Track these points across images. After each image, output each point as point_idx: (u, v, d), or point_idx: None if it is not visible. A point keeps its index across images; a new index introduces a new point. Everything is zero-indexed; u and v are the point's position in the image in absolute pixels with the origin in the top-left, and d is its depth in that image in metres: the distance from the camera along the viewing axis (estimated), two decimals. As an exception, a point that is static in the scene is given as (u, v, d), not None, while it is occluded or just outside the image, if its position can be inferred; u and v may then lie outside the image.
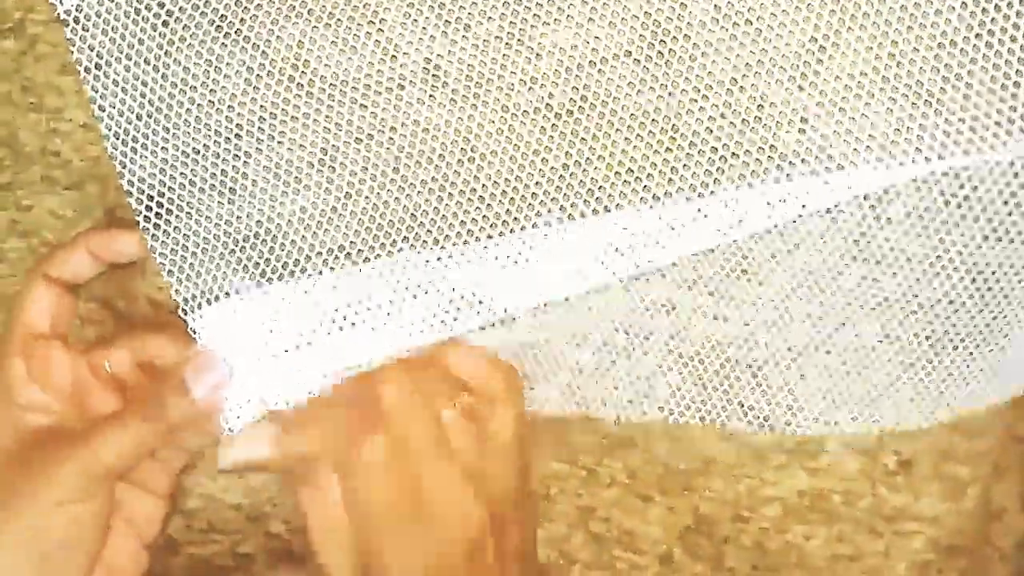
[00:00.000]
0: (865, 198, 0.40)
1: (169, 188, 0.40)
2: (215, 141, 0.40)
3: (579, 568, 0.45)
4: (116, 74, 0.39)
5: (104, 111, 0.39)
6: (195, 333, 0.38)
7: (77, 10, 0.39)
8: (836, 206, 0.40)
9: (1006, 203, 0.39)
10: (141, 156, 0.40)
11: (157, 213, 0.40)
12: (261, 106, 0.40)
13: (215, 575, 0.45)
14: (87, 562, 0.37)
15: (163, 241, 0.40)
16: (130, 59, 0.39)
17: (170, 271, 0.39)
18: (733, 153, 0.40)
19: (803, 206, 0.40)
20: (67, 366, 0.39)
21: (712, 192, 0.41)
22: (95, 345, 0.41)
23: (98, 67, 0.39)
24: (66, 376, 0.39)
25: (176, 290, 0.39)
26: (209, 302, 0.39)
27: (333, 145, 0.41)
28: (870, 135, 0.40)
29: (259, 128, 0.40)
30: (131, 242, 0.40)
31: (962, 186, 0.39)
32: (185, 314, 0.38)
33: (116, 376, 0.40)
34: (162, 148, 0.40)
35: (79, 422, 0.38)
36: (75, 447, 0.36)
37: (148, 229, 0.39)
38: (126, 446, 0.36)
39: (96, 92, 0.39)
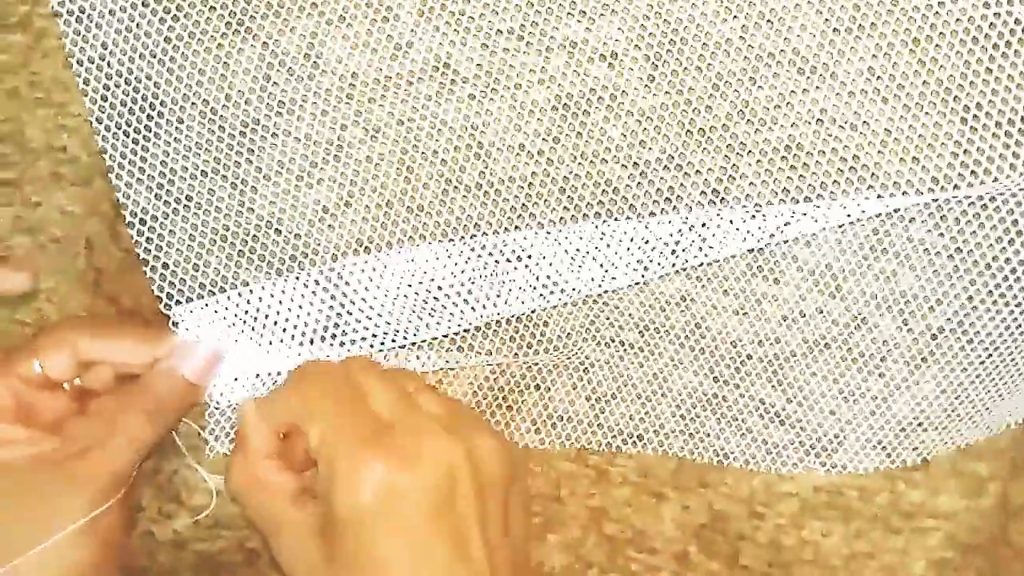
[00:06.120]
0: (881, 196, 0.40)
1: (170, 182, 0.40)
2: (229, 135, 0.40)
3: (595, 572, 0.44)
4: (119, 67, 0.39)
5: (103, 104, 0.39)
6: (176, 325, 0.39)
7: (79, 8, 0.38)
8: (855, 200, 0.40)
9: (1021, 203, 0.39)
10: (143, 149, 0.40)
11: (156, 207, 0.40)
12: (272, 101, 0.40)
13: (223, 571, 0.44)
14: (114, 557, 0.36)
15: (155, 236, 0.40)
16: (135, 53, 0.39)
17: (153, 267, 0.40)
18: (749, 151, 0.40)
19: (825, 211, 0.40)
20: None
21: (727, 191, 0.40)
22: (13, 351, 0.38)
23: (94, 62, 0.39)
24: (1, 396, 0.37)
25: (159, 286, 0.40)
26: (201, 295, 0.40)
27: (343, 140, 0.41)
28: (887, 133, 0.40)
29: (271, 123, 0.40)
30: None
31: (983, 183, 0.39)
32: (168, 308, 0.40)
33: (50, 377, 0.38)
34: (166, 143, 0.40)
35: (54, 442, 0.36)
36: (75, 465, 0.35)
37: (135, 223, 0.40)
38: (135, 453, 0.36)
39: (92, 86, 0.39)
